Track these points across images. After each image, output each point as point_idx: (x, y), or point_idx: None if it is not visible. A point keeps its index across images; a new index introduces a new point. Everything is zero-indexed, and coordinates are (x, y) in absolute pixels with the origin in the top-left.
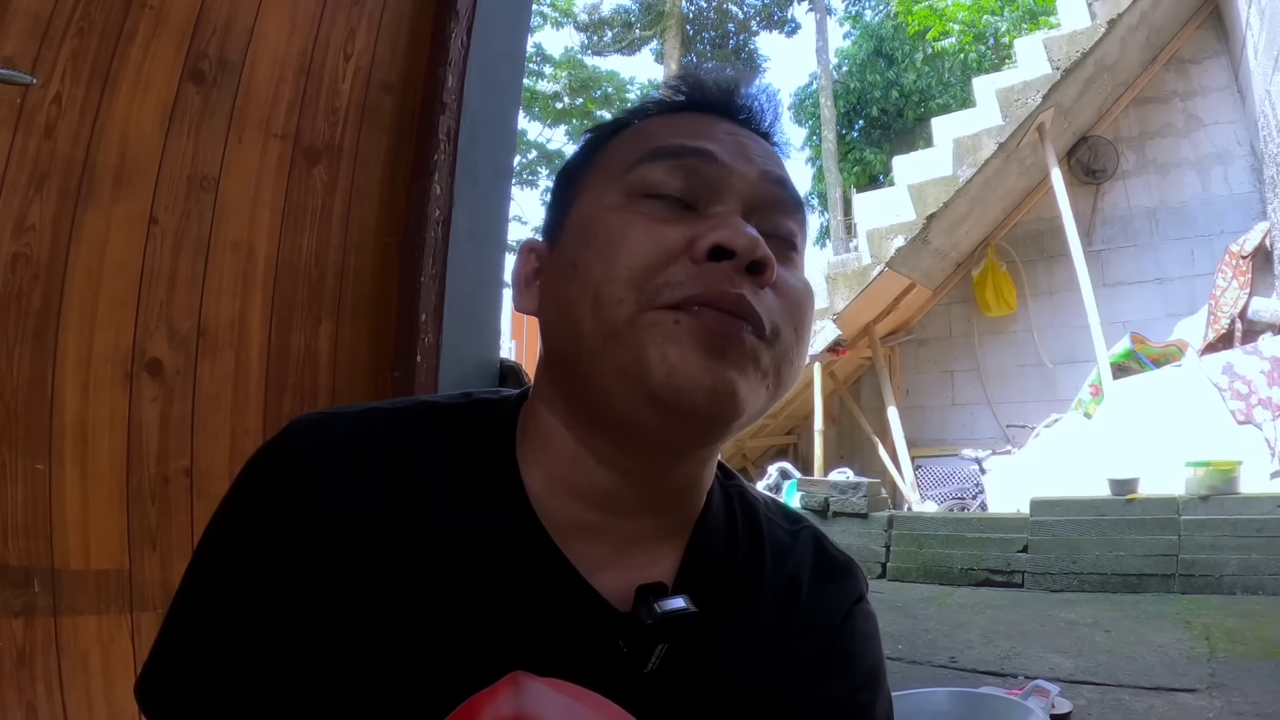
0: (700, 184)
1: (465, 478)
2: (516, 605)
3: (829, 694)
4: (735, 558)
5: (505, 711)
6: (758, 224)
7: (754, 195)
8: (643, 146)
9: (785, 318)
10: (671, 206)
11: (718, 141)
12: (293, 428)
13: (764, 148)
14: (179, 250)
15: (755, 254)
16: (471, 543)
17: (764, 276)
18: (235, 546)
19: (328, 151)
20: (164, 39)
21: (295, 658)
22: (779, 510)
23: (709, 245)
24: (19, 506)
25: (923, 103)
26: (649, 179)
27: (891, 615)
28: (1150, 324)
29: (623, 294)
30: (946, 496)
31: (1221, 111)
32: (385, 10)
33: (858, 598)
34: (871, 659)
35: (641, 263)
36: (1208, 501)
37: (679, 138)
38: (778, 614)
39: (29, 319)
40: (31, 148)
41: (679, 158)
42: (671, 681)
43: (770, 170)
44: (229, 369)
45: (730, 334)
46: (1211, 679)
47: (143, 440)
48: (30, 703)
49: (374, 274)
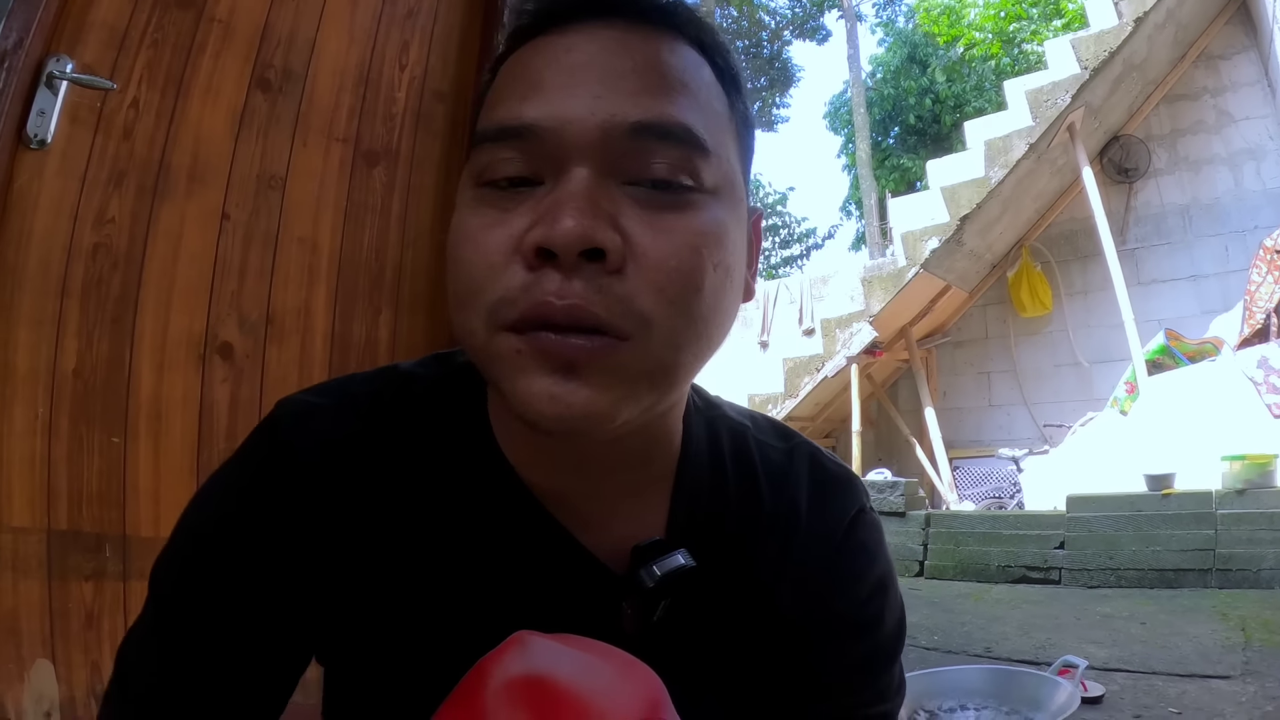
0: (539, 159)
1: (450, 453)
2: (512, 568)
3: (837, 610)
4: (726, 494)
5: (515, 670)
6: (621, 175)
7: (603, 149)
8: (484, 120)
9: (654, 297)
10: (512, 193)
11: (557, 89)
12: (283, 414)
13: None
14: (249, 244)
15: (576, 245)
16: (462, 515)
17: (607, 262)
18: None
19: (386, 155)
20: (232, 50)
21: (301, 642)
22: (769, 428)
23: (531, 248)
24: (94, 476)
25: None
26: (483, 164)
27: (928, 610)
28: (1185, 321)
29: (473, 323)
30: (984, 496)
31: (1252, 106)
32: (436, 24)
33: (858, 509)
34: (879, 569)
35: (477, 284)
36: (1244, 495)
37: (511, 105)
38: (778, 541)
39: (108, 304)
40: (111, 147)
41: (504, 141)
42: (676, 627)
43: (622, 111)
44: (295, 354)
45: (569, 355)
46: (1245, 666)
47: (213, 418)
48: (95, 663)
49: (429, 269)
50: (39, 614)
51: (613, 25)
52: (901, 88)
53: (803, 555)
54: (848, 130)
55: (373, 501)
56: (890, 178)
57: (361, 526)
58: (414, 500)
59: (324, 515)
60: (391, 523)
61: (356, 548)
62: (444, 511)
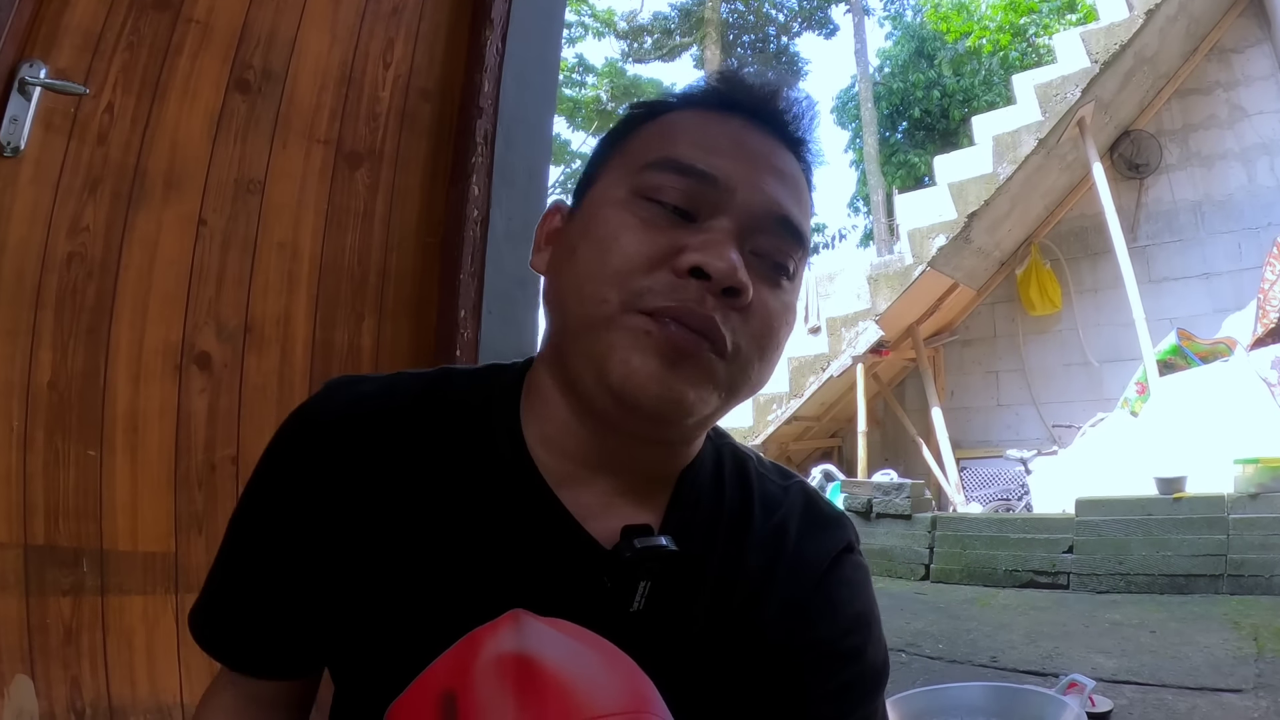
0: (701, 201)
1: (473, 432)
2: (516, 546)
3: (816, 637)
4: (722, 505)
5: (506, 647)
6: (753, 244)
7: (753, 220)
8: (660, 150)
9: (750, 339)
10: (669, 214)
11: (733, 159)
12: (327, 385)
13: (785, 168)
14: (227, 250)
15: (730, 280)
16: (475, 489)
17: (737, 300)
18: (271, 495)
19: (369, 156)
20: (210, 51)
21: (323, 589)
22: (771, 466)
23: (689, 265)
24: (70, 490)
25: (966, 103)
26: (653, 184)
27: (933, 616)
28: (1197, 320)
29: (607, 293)
30: (991, 498)
31: (1265, 101)
32: (422, 20)
33: (846, 547)
34: (860, 605)
35: (626, 266)
36: (1257, 499)
37: (694, 152)
38: (765, 560)
39: (83, 314)
40: (85, 154)
41: (685, 175)
42: (659, 622)
43: (777, 202)
44: (275, 363)
45: (689, 349)
46: (1258, 679)
47: (191, 429)
48: (75, 678)
49: (415, 273)
50: (17, 629)
51: (770, 136)
52: (909, 82)
53: (788, 579)
54: (855, 125)
55: (386, 468)
56: (897, 174)
57: (373, 490)
58: (427, 472)
59: (337, 474)
60: (401, 489)
61: (366, 509)
62: (454, 484)
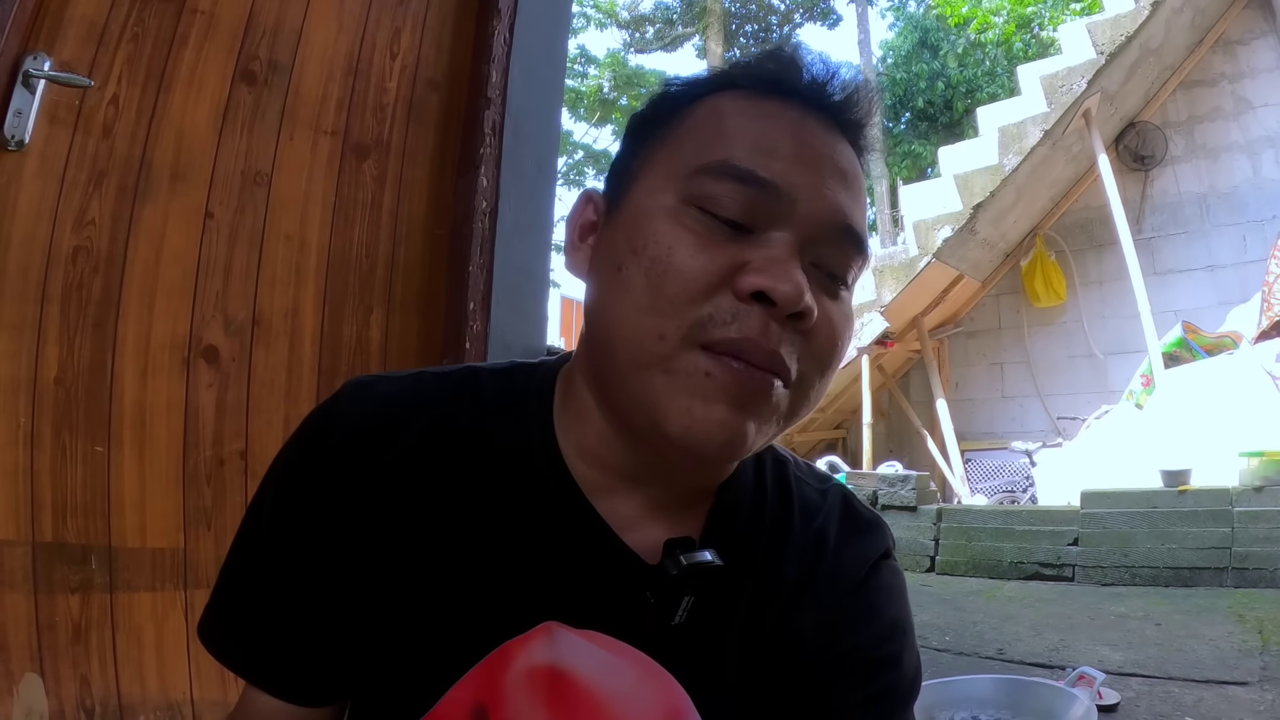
0: (760, 211)
1: (504, 437)
2: (551, 558)
3: (853, 645)
4: (763, 515)
5: (539, 659)
6: (813, 256)
7: (815, 231)
8: (714, 150)
9: (813, 361)
10: (725, 229)
11: (795, 162)
12: (346, 388)
13: (846, 166)
14: (234, 243)
15: (796, 306)
16: (508, 498)
17: (802, 324)
18: (290, 497)
19: (376, 147)
20: (215, 42)
21: (346, 600)
22: (807, 469)
23: (752, 288)
24: (78, 486)
25: (970, 94)
26: (709, 193)
27: (939, 608)
28: (1202, 312)
29: (664, 327)
30: (996, 490)
31: (1271, 93)
32: (429, 11)
33: (883, 553)
34: (896, 612)
35: (684, 295)
36: (1262, 493)
37: (752, 155)
38: (803, 568)
39: (89, 308)
40: (90, 147)
41: (745, 184)
42: (699, 635)
43: (842, 210)
44: (283, 356)
45: (758, 390)
46: (1263, 672)
47: (199, 424)
48: (84, 676)
49: (423, 265)
50: (26, 627)
51: (829, 127)
52: (913, 72)
53: (826, 587)
54: None
55: (413, 476)
56: (901, 165)
57: (399, 498)
58: (461, 473)
59: (362, 483)
60: (430, 498)
61: (393, 518)
62: (486, 493)
